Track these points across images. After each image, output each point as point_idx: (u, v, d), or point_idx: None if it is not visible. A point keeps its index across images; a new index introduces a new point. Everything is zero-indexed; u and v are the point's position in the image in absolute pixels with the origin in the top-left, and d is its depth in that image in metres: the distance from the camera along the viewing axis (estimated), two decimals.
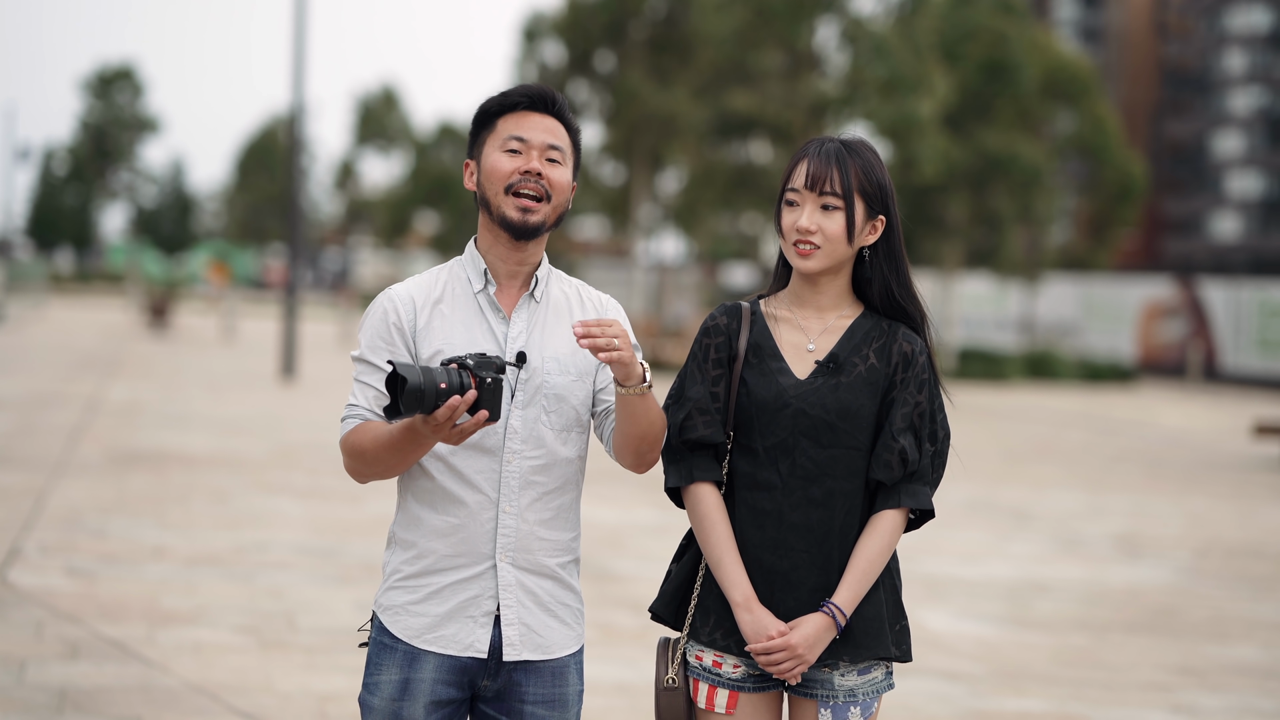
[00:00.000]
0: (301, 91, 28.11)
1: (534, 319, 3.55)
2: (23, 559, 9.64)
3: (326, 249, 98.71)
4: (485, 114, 3.57)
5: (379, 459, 3.41)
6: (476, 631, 3.48)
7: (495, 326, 3.52)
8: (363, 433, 3.44)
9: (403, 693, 3.47)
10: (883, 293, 3.66)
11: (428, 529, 3.49)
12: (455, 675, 3.48)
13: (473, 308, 3.53)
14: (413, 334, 3.50)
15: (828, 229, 3.56)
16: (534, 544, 3.51)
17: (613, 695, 7.26)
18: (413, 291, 3.54)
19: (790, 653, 3.49)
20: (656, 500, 13.12)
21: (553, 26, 40.73)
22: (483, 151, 3.56)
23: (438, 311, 3.51)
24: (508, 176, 3.51)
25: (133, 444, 15.74)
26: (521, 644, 3.50)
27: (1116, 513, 15.03)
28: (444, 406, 3.19)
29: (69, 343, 33.49)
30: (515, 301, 3.56)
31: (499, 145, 3.53)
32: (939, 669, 8.22)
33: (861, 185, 3.58)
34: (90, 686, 6.90)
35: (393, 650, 3.49)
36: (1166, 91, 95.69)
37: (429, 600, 3.48)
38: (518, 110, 3.55)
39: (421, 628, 3.48)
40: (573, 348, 3.55)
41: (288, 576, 9.60)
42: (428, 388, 3.17)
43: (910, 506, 3.58)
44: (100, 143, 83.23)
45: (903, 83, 32.31)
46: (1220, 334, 40.84)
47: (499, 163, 3.52)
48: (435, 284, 3.56)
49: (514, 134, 3.52)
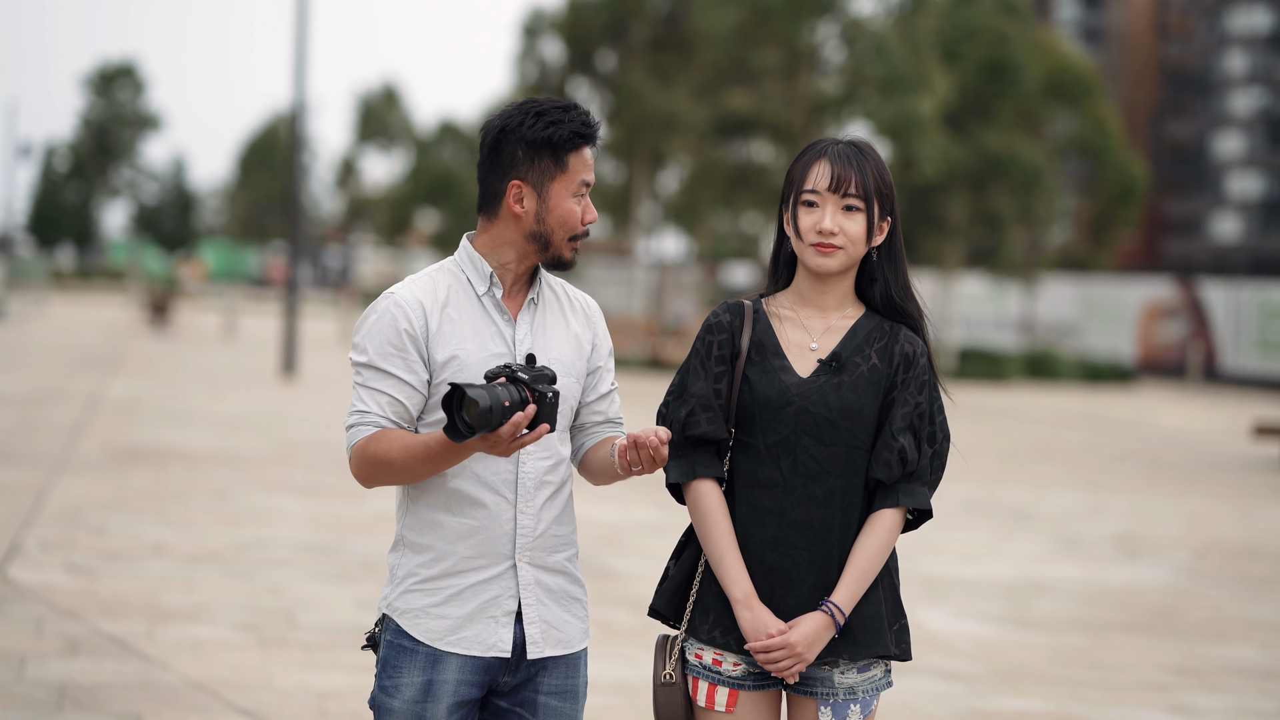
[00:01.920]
0: (303, 89, 28.12)
1: (536, 321, 3.56)
2: (23, 555, 9.64)
3: (328, 247, 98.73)
4: (553, 144, 3.47)
5: (409, 468, 3.39)
6: (499, 631, 3.49)
7: (503, 329, 3.52)
8: (387, 441, 3.40)
9: (426, 694, 3.47)
10: (884, 292, 3.68)
11: (446, 532, 3.49)
12: (478, 675, 3.50)
13: (478, 311, 3.52)
14: (426, 339, 3.47)
15: (850, 230, 3.59)
16: (549, 542, 3.54)
17: (612, 694, 7.26)
18: (419, 295, 3.50)
19: (789, 651, 3.50)
20: (656, 499, 13.13)
21: (553, 24, 40.70)
22: (549, 189, 3.48)
23: (446, 315, 3.49)
24: (578, 226, 3.51)
25: (133, 441, 15.75)
26: (544, 641, 3.53)
27: (1116, 513, 15.04)
28: (509, 424, 3.20)
29: (70, 340, 33.50)
30: (518, 303, 3.56)
31: (571, 190, 3.49)
32: (938, 668, 8.23)
33: (878, 187, 3.61)
34: (90, 683, 6.91)
35: (413, 653, 3.49)
36: (1167, 92, 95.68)
37: (450, 602, 3.48)
38: (585, 145, 3.50)
39: (444, 630, 3.48)
40: (570, 350, 3.57)
41: (287, 574, 9.61)
42: (495, 406, 3.18)
43: (908, 506, 3.59)
44: (102, 140, 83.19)
45: (902, 81, 32.31)
46: (1220, 335, 40.85)
47: (572, 211, 3.50)
48: (438, 286, 3.53)
49: (585, 179, 3.50)
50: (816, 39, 34.36)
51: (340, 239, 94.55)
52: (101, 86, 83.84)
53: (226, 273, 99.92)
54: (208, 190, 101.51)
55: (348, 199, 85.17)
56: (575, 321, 3.62)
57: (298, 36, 27.72)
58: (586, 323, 3.64)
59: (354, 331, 3.55)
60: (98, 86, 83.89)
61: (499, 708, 3.55)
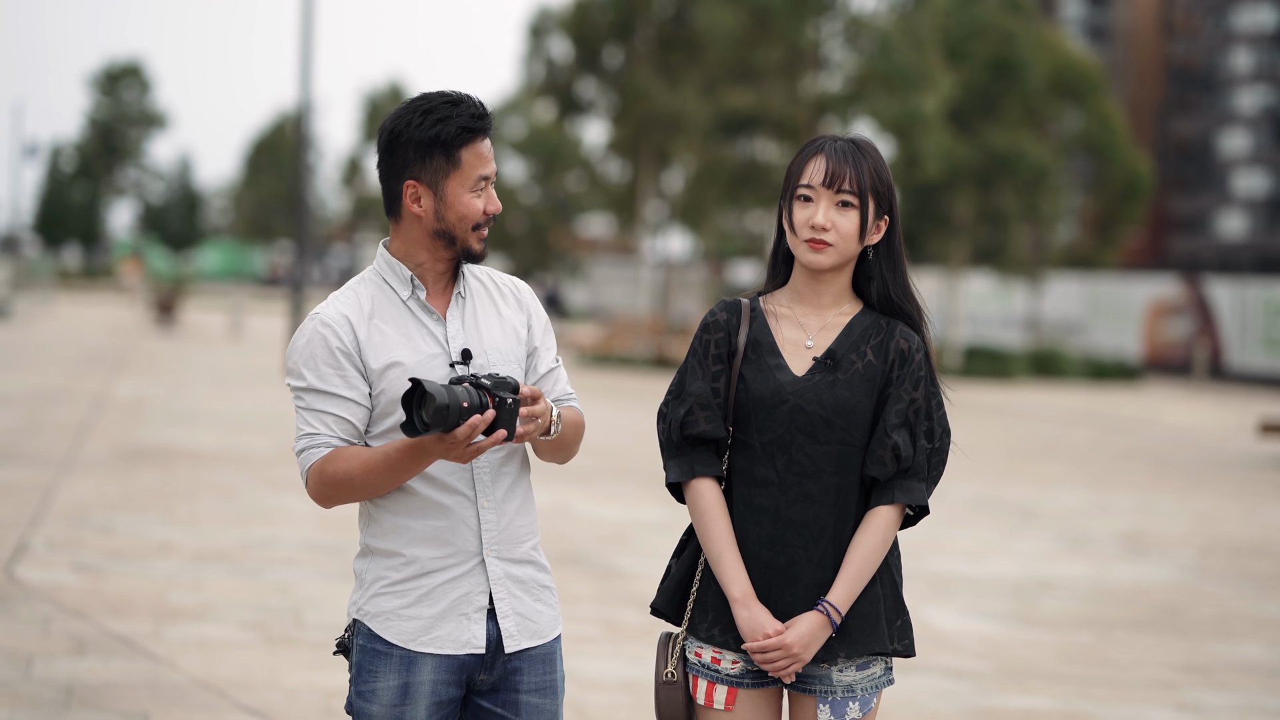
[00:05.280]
0: (309, 88, 28.14)
1: (466, 314, 3.57)
2: (30, 555, 9.66)
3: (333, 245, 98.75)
4: (443, 143, 3.48)
5: (370, 482, 3.41)
6: (472, 628, 3.50)
7: (433, 329, 3.53)
8: (344, 459, 3.43)
9: (403, 697, 3.48)
10: (881, 291, 3.69)
11: (413, 536, 3.50)
12: (454, 674, 3.50)
13: (406, 316, 3.53)
14: (359, 353, 3.48)
15: (842, 226, 3.59)
16: (514, 534, 3.56)
17: (618, 692, 7.27)
18: (344, 311, 3.51)
19: (785, 651, 3.51)
20: (662, 497, 13.13)
21: (560, 23, 40.72)
22: (444, 186, 3.49)
23: (374, 326, 3.50)
24: (478, 218, 3.52)
25: (139, 440, 15.77)
26: (520, 633, 3.54)
27: (1122, 511, 15.03)
28: (465, 425, 3.22)
29: (76, 339, 33.54)
30: (445, 300, 3.57)
31: (467, 186, 3.50)
32: (944, 666, 8.23)
33: (874, 184, 3.61)
34: (97, 682, 6.92)
35: (387, 656, 3.49)
36: (1173, 90, 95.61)
37: (420, 603, 3.50)
38: (477, 139, 3.50)
39: (416, 630, 3.49)
40: (506, 337, 3.58)
41: (294, 572, 9.62)
42: (453, 405, 3.20)
43: (904, 503, 3.59)
44: (108, 139, 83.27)
45: (906, 79, 32.29)
46: (1226, 332, 40.81)
47: (471, 205, 3.50)
48: (360, 299, 3.53)
49: (481, 174, 3.50)
50: (819, 36, 34.36)
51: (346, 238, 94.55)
52: (107, 86, 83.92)
53: (233, 272, 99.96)
54: (214, 189, 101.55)
55: (354, 198, 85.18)
56: (506, 307, 3.62)
57: (303, 35, 27.74)
58: (519, 306, 3.64)
59: (286, 357, 3.55)
60: (103, 86, 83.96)
61: (481, 708, 3.56)
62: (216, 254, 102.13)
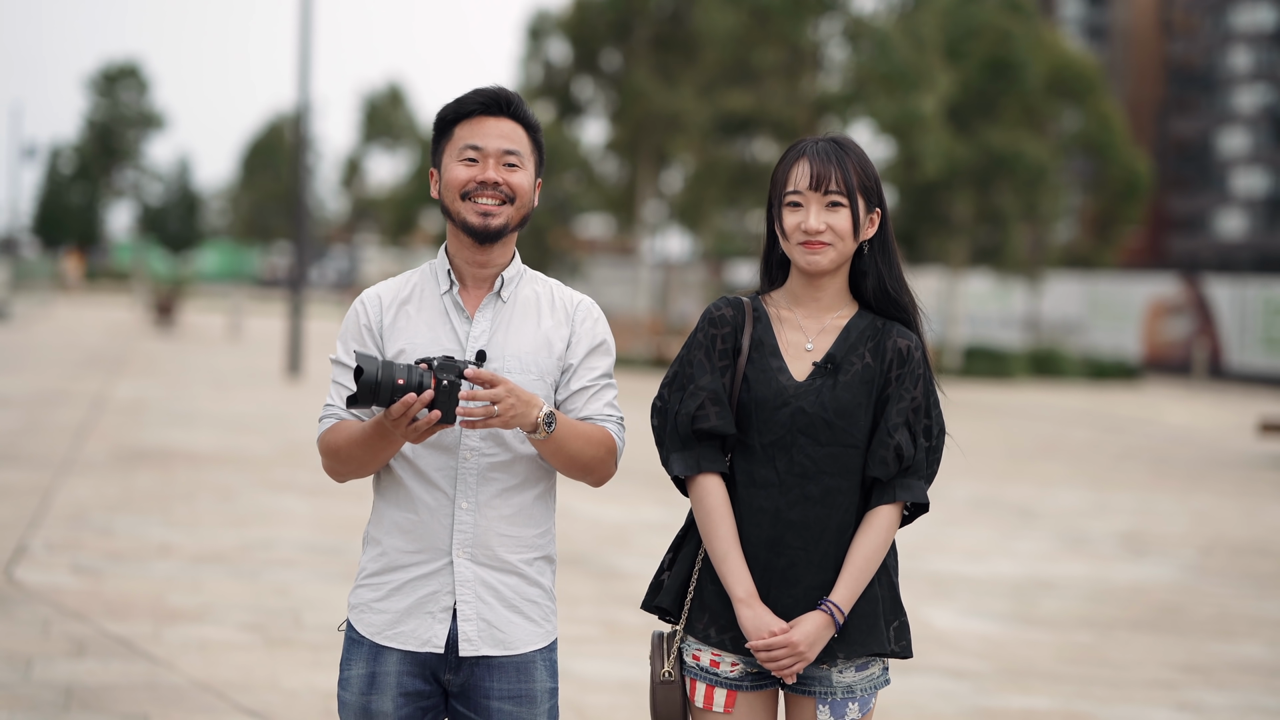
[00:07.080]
0: (307, 89, 28.13)
1: (498, 319, 3.59)
2: (29, 557, 9.66)
3: (332, 247, 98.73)
4: (443, 122, 3.62)
5: (352, 456, 3.50)
6: (434, 627, 3.52)
7: (458, 326, 3.57)
8: (338, 431, 3.54)
9: (370, 686, 3.54)
10: (877, 285, 3.68)
11: (390, 525, 3.57)
12: (419, 668, 3.55)
13: (438, 308, 3.59)
14: (379, 332, 3.58)
15: (836, 226, 3.60)
16: (494, 540, 3.54)
17: (618, 693, 7.27)
18: (380, 292, 3.64)
19: (790, 650, 3.50)
20: (662, 497, 13.13)
21: (558, 24, 40.71)
22: (443, 161, 3.61)
23: (404, 311, 3.59)
24: (463, 185, 3.56)
25: (139, 442, 15.77)
26: (480, 639, 3.53)
27: (1121, 510, 15.03)
28: (398, 402, 3.28)
29: (75, 341, 33.53)
30: (480, 302, 3.61)
31: (456, 155, 3.58)
32: (944, 666, 8.23)
33: (861, 181, 3.62)
34: (96, 684, 6.92)
35: (360, 645, 3.58)
36: (1172, 89, 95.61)
37: (390, 597, 3.55)
38: (474, 117, 3.59)
39: (383, 624, 3.55)
40: (535, 346, 3.58)
41: (293, 574, 9.62)
42: (384, 381, 3.26)
43: (905, 501, 3.59)
44: (106, 140, 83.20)
45: (905, 79, 32.29)
46: (1226, 332, 40.81)
47: (456, 173, 3.57)
48: (405, 285, 3.65)
49: (470, 143, 3.57)
50: (819, 37, 34.36)
51: (345, 239, 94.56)
52: (105, 87, 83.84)
53: (231, 274, 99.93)
54: (212, 191, 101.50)
55: (352, 199, 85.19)
56: (549, 319, 3.62)
57: (301, 36, 27.72)
58: (565, 321, 3.63)
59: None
60: (101, 87, 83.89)
61: (457, 711, 3.58)
62: (215, 255, 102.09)
